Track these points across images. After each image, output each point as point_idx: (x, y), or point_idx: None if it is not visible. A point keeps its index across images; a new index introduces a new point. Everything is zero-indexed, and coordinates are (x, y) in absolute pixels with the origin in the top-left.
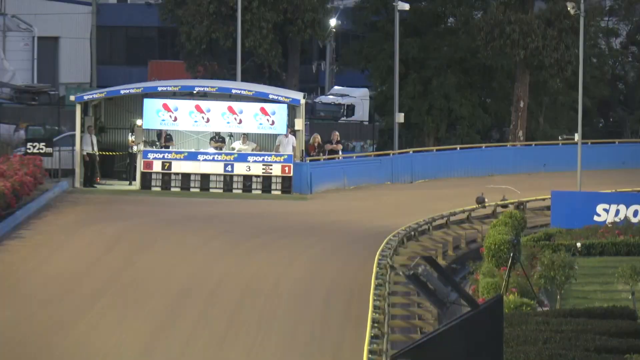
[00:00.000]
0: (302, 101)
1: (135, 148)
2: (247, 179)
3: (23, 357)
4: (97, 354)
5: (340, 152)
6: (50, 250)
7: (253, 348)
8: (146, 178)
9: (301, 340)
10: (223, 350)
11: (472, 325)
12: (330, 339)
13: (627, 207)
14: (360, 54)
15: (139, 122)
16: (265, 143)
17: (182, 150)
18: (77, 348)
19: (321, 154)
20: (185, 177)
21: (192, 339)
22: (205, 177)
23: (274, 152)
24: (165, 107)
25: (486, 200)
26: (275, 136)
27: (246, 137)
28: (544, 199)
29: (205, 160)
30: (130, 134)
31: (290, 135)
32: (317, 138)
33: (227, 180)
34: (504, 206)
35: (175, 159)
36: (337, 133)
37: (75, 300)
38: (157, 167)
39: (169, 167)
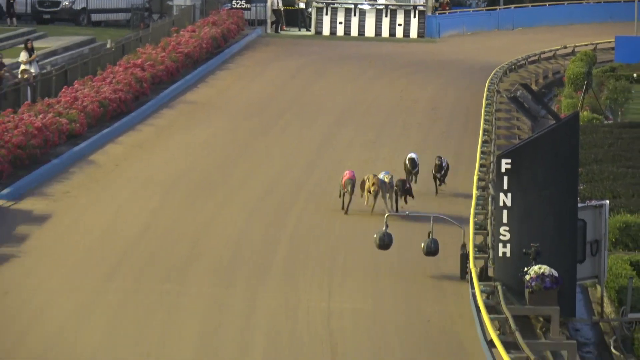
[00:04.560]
0: None
1: (301, 4)
2: (392, 25)
3: (231, 155)
4: (280, 156)
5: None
6: (249, 78)
7: (399, 142)
8: (318, 26)
9: (432, 141)
10: (374, 150)
11: (556, 134)
12: (452, 142)
13: None
14: None
15: None
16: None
17: (345, 4)
18: (267, 151)
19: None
20: (347, 25)
21: (350, 144)
22: (362, 25)
23: (412, 8)
24: None
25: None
26: None
27: None
28: (609, 42)
29: (361, 12)
30: None
31: None
32: None
33: (378, 27)
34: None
35: (340, 10)
36: None
37: (266, 116)
38: (326, 18)
39: (335, 17)
